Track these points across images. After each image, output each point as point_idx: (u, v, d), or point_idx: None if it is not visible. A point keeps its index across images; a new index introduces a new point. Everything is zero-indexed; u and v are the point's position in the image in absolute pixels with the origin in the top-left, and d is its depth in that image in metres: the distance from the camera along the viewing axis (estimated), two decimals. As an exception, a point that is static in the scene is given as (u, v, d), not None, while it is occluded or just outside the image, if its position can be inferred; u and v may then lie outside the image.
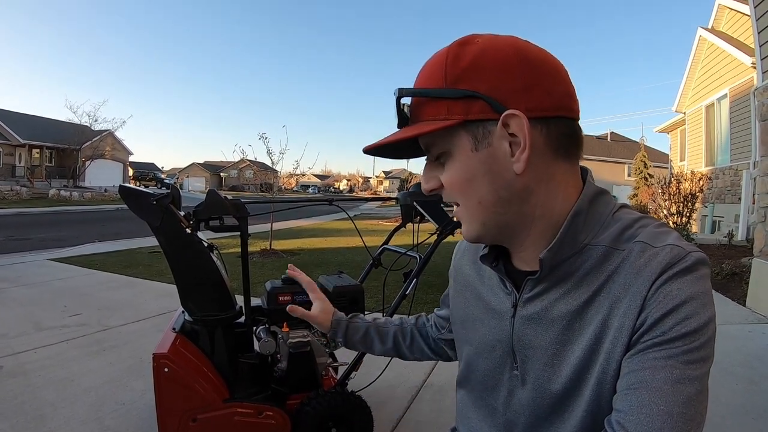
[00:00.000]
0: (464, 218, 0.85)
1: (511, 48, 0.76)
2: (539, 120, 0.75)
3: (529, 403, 0.87)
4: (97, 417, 2.73)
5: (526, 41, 0.79)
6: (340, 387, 2.32)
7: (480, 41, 0.77)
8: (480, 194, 0.80)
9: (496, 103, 0.74)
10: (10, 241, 10.80)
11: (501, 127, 0.75)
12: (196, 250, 2.21)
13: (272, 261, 8.39)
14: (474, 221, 0.83)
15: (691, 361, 0.68)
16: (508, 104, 0.74)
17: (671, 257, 0.72)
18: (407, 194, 2.62)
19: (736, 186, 10.98)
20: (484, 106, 0.75)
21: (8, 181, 31.95)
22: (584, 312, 0.78)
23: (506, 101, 0.74)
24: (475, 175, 0.79)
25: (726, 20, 13.04)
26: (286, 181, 16.44)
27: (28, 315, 4.79)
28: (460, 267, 1.08)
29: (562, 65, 0.80)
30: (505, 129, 0.75)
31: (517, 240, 0.84)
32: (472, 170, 0.79)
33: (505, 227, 0.82)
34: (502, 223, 0.81)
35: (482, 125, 0.76)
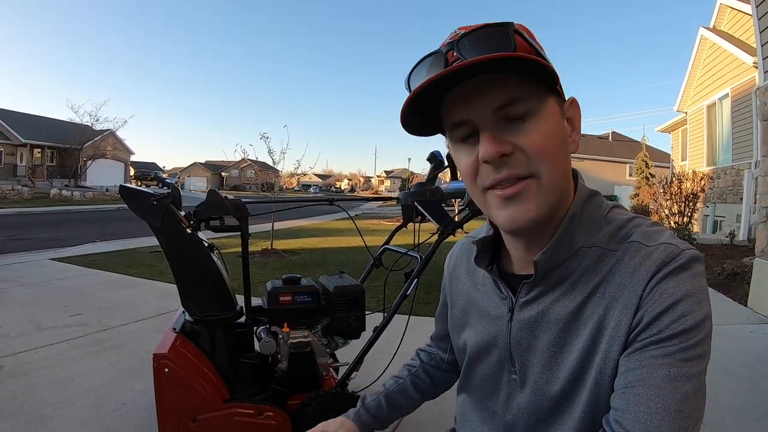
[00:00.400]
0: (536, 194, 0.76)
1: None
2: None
3: (528, 405, 0.87)
4: (97, 417, 2.73)
5: None
6: (340, 387, 2.31)
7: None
8: (566, 163, 0.79)
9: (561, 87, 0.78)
10: (11, 241, 10.80)
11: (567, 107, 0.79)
12: (196, 250, 2.21)
13: (273, 261, 8.39)
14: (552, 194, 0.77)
15: (688, 359, 0.69)
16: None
17: (665, 255, 0.72)
18: (408, 194, 2.61)
19: (738, 186, 10.96)
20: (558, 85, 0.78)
21: (9, 180, 32.00)
22: (580, 313, 0.79)
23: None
24: (563, 142, 0.78)
25: (727, 19, 13.03)
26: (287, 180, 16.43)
27: (28, 315, 4.79)
28: (456, 276, 1.08)
29: None
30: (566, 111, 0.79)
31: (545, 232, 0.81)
32: (561, 137, 0.78)
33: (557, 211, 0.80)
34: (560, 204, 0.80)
35: (561, 99, 0.79)
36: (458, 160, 0.81)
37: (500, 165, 0.75)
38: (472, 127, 0.76)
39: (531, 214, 0.76)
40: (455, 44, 0.72)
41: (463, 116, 0.76)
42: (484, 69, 0.69)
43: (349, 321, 2.43)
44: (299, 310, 2.38)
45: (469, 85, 0.73)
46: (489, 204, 0.79)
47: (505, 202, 0.77)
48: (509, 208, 0.77)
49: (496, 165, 0.75)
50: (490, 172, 0.76)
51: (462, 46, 0.72)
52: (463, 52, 0.71)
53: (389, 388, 1.24)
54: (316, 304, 2.43)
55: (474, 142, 0.77)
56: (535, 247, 0.83)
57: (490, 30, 0.71)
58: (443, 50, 0.74)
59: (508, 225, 0.79)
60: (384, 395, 1.22)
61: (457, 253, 1.11)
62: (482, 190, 0.79)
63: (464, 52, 0.71)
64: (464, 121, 0.76)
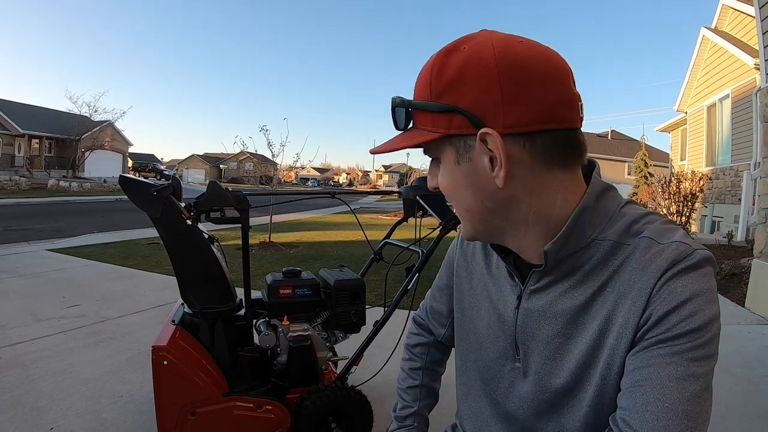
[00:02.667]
0: (462, 217, 0.86)
1: (494, 58, 0.71)
2: (521, 135, 0.72)
3: (529, 396, 0.87)
4: (94, 409, 2.72)
5: (521, 42, 0.74)
6: (340, 381, 2.31)
7: (466, 49, 0.73)
8: (466, 203, 0.81)
9: (475, 119, 0.72)
10: (9, 232, 10.79)
11: (480, 143, 0.73)
12: (196, 241, 2.20)
13: (271, 254, 8.39)
14: (466, 223, 0.85)
15: (695, 359, 0.68)
16: (486, 120, 0.72)
17: (677, 254, 0.72)
18: (410, 188, 2.61)
19: (737, 187, 10.98)
20: (464, 121, 0.73)
21: (7, 171, 31.91)
22: (589, 307, 0.78)
23: (484, 117, 0.72)
24: (460, 185, 0.80)
25: (729, 20, 13.02)
26: (285, 174, 16.44)
27: (26, 306, 4.78)
28: (471, 253, 1.06)
29: (559, 70, 0.74)
30: (484, 145, 0.73)
31: (513, 241, 0.84)
32: (456, 181, 0.80)
33: (497, 231, 0.83)
34: (493, 228, 0.82)
35: (463, 139, 0.75)
36: None
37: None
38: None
39: (467, 233, 0.87)
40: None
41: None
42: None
43: (349, 315, 2.43)
44: (299, 304, 2.38)
45: None
46: None
47: None
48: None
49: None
50: None
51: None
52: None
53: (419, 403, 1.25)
54: (316, 297, 2.42)
55: None
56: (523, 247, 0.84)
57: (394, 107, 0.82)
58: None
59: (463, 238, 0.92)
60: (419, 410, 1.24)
61: None
62: None
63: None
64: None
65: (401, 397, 1.26)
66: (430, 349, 1.28)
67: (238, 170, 73.82)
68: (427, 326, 1.29)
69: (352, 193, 7.54)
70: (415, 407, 1.22)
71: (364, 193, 5.81)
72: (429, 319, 1.28)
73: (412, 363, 1.29)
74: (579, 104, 0.76)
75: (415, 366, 1.28)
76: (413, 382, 1.26)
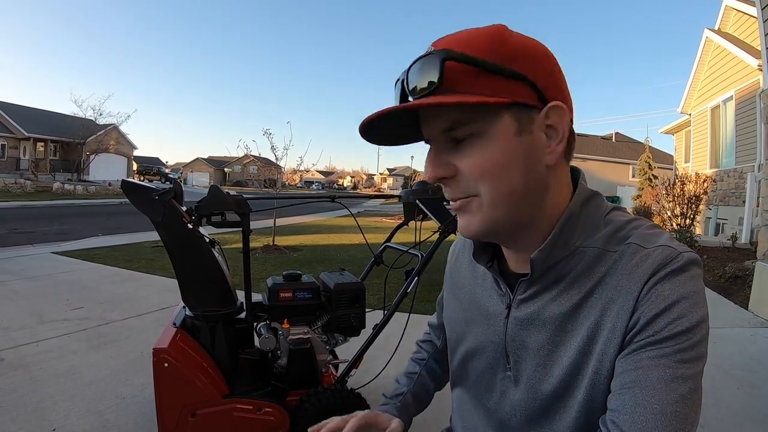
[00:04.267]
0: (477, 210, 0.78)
1: (542, 45, 0.77)
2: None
3: (522, 403, 0.87)
4: (97, 410, 2.74)
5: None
6: (340, 384, 2.32)
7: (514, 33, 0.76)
8: (513, 182, 0.75)
9: (541, 93, 0.74)
10: (14, 234, 10.83)
11: (544, 116, 0.74)
12: (197, 245, 2.21)
13: (275, 257, 8.40)
14: (497, 210, 0.77)
15: (684, 360, 0.69)
16: (548, 95, 0.74)
17: (663, 258, 0.72)
18: (410, 192, 2.62)
19: (741, 189, 10.94)
20: (531, 93, 0.73)
21: (12, 174, 32.05)
22: (577, 313, 0.79)
23: (546, 92, 0.74)
24: (514, 160, 0.75)
25: (732, 22, 13.00)
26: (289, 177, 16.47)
27: (30, 308, 4.81)
28: (457, 268, 1.08)
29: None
30: (545, 119, 0.75)
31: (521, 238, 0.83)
32: (512, 155, 0.74)
33: (517, 224, 0.80)
34: (518, 218, 0.79)
35: (527, 111, 0.74)
36: None
37: (445, 184, 0.81)
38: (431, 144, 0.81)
39: (472, 227, 0.80)
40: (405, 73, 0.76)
41: (424, 134, 0.81)
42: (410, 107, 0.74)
43: (350, 318, 2.44)
44: (299, 307, 2.39)
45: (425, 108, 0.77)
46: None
47: (457, 213, 0.83)
48: (460, 219, 0.82)
49: (443, 183, 0.81)
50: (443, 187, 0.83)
51: (409, 77, 0.75)
52: (409, 82, 0.75)
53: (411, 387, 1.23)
54: (316, 300, 2.43)
55: None
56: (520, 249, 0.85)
57: (422, 61, 0.73)
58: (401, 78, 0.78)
59: (461, 233, 0.84)
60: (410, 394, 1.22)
61: (461, 245, 1.11)
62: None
63: (410, 83, 0.75)
64: (427, 140, 0.81)
65: (396, 381, 1.27)
66: (435, 347, 1.30)
67: (242, 173, 73.88)
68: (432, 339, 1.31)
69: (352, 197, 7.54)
70: (405, 390, 1.22)
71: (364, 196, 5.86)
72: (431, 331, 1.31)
73: (417, 354, 1.31)
74: None
75: (419, 357, 1.30)
76: (412, 369, 1.28)
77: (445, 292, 1.13)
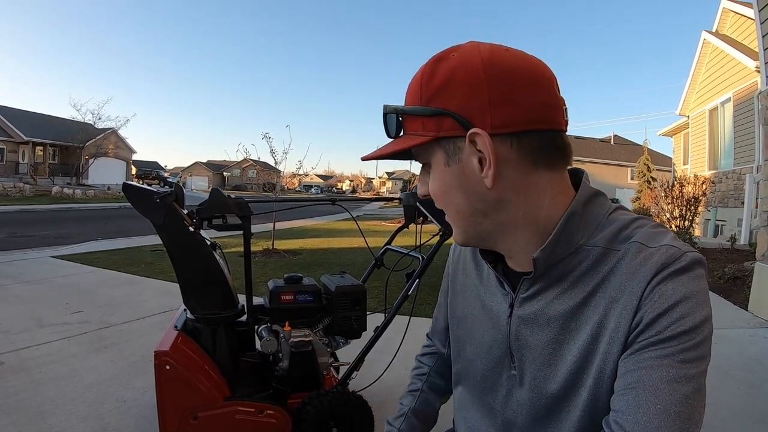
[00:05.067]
0: (451, 224, 0.88)
1: (481, 63, 0.75)
2: (509, 135, 0.75)
3: (527, 402, 0.87)
4: (97, 414, 2.74)
5: (507, 50, 0.78)
6: (341, 386, 2.32)
7: (455, 56, 0.77)
8: (457, 205, 0.83)
9: (464, 121, 0.75)
10: (13, 238, 10.82)
11: (469, 144, 0.76)
12: (198, 248, 2.21)
13: (275, 261, 8.40)
14: (457, 228, 0.87)
15: (687, 360, 0.69)
16: (474, 121, 0.75)
17: (667, 257, 0.72)
18: (410, 195, 2.62)
19: (740, 190, 10.96)
20: (453, 124, 0.76)
21: (11, 178, 32.06)
22: (580, 312, 0.79)
23: (473, 118, 0.75)
24: (450, 187, 0.82)
25: (730, 24, 13.03)
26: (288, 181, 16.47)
27: (30, 312, 4.80)
28: (462, 264, 1.08)
29: (544, 75, 0.78)
30: (473, 146, 0.76)
31: (503, 245, 0.85)
32: (446, 183, 0.82)
33: (487, 234, 0.84)
34: (483, 231, 0.84)
35: (453, 141, 0.78)
36: None
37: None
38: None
39: (459, 237, 0.89)
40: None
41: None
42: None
43: (351, 321, 2.44)
44: (301, 310, 2.39)
45: None
46: None
47: None
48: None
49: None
50: None
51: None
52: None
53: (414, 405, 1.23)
54: (317, 303, 2.44)
55: None
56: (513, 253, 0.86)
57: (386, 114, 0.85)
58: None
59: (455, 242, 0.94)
60: (412, 413, 1.21)
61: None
62: None
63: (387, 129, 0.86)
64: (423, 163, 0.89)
65: (400, 402, 1.26)
66: (438, 359, 1.29)
67: (241, 177, 73.88)
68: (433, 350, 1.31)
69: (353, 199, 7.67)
70: (406, 410, 1.22)
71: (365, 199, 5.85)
72: (433, 338, 1.29)
73: (418, 370, 1.30)
74: (563, 108, 0.79)
75: (420, 372, 1.29)
76: (413, 386, 1.27)
77: (449, 292, 1.12)
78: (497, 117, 0.74)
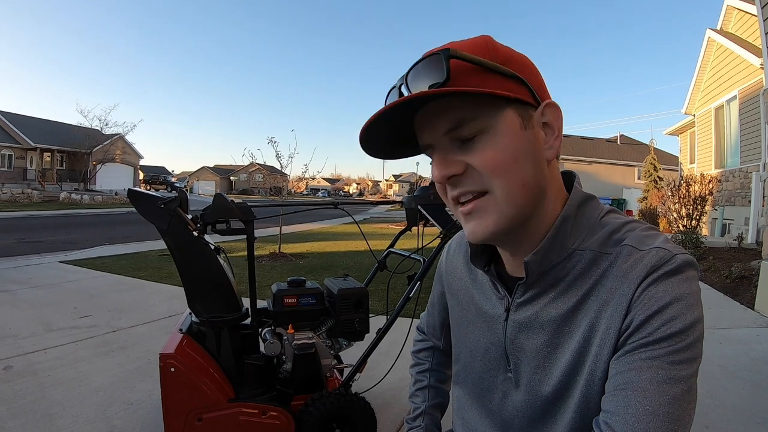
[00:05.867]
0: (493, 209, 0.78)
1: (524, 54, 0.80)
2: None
3: (523, 404, 0.88)
4: (105, 416, 2.77)
5: None
6: (344, 388, 2.34)
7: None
8: (525, 175, 0.76)
9: (534, 93, 0.78)
10: (22, 244, 10.89)
11: (540, 114, 0.78)
12: (203, 252, 2.24)
13: (281, 264, 8.41)
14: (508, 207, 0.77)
15: (677, 362, 0.69)
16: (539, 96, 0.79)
17: (657, 260, 0.73)
18: (412, 198, 2.64)
19: (746, 188, 10.89)
20: (527, 92, 0.77)
21: (19, 184, 32.30)
22: (574, 316, 0.80)
23: (537, 93, 0.78)
24: (523, 154, 0.76)
25: (734, 21, 12.95)
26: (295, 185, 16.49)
27: (38, 316, 4.85)
28: (453, 268, 1.09)
29: None
30: (541, 116, 0.78)
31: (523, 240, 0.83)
32: (520, 149, 0.76)
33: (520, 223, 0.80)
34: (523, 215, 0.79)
35: (526, 108, 0.77)
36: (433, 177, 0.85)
37: (455, 183, 0.79)
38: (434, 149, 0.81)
39: (488, 228, 0.78)
40: (404, 78, 0.77)
41: (424, 141, 0.81)
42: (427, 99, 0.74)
43: (353, 323, 2.45)
44: (304, 312, 2.41)
45: (424, 113, 0.78)
46: (458, 218, 0.84)
47: (466, 218, 0.81)
48: (470, 223, 0.81)
49: (452, 183, 0.79)
50: (449, 189, 0.81)
51: (409, 80, 0.76)
52: (410, 85, 0.76)
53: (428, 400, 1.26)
54: (320, 306, 2.45)
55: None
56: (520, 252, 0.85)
57: (426, 61, 0.75)
58: (398, 84, 0.79)
59: (470, 238, 0.82)
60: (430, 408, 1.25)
61: (455, 246, 1.12)
62: (452, 205, 0.84)
63: (411, 86, 0.76)
64: (427, 146, 0.81)
65: (412, 401, 1.28)
66: (434, 352, 1.31)
67: (248, 182, 73.99)
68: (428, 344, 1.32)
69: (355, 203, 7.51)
70: (423, 407, 1.24)
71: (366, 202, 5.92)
72: (426, 332, 1.32)
73: (419, 367, 1.32)
74: None
75: (422, 369, 1.31)
76: (421, 383, 1.28)
77: (446, 294, 1.13)
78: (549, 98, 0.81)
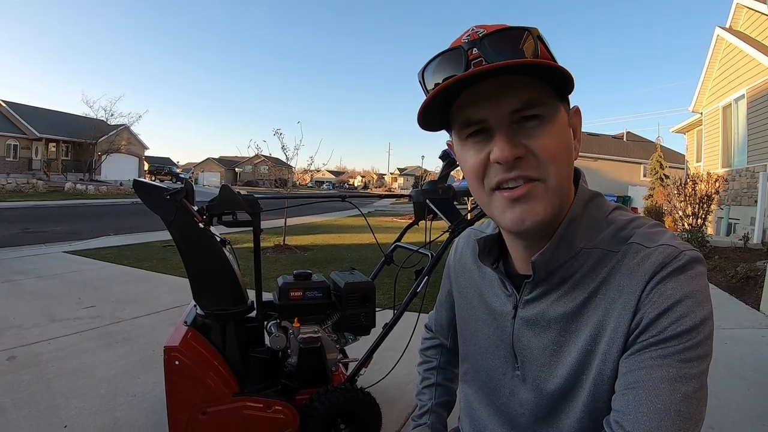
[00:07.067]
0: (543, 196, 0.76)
1: None
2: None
3: (530, 402, 0.88)
4: (108, 408, 2.76)
5: None
6: (349, 383, 2.33)
7: None
8: (569, 169, 0.80)
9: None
10: (26, 234, 10.92)
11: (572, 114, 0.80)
12: (208, 244, 2.22)
13: (286, 256, 8.43)
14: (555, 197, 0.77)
15: (687, 360, 0.68)
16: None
17: (664, 257, 0.72)
18: (420, 192, 2.62)
19: (753, 188, 10.83)
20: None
21: (25, 174, 32.36)
22: (581, 314, 0.79)
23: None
24: (569, 148, 0.78)
25: (744, 20, 12.86)
26: (300, 177, 16.52)
27: (42, 307, 4.85)
28: (462, 265, 1.09)
29: None
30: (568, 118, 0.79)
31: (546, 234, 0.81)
32: (569, 143, 0.79)
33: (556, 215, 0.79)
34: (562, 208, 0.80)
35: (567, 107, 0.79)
36: (464, 158, 0.80)
37: (511, 167, 0.74)
38: (484, 126, 0.75)
39: (539, 216, 0.76)
40: (477, 43, 0.73)
41: (479, 115, 0.75)
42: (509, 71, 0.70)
43: (360, 317, 2.44)
44: (310, 306, 2.40)
45: (488, 85, 0.72)
46: (494, 205, 0.79)
47: (512, 204, 0.76)
48: (516, 209, 0.76)
49: (510, 166, 0.74)
50: (498, 172, 0.75)
51: (484, 46, 0.72)
52: (486, 51, 0.72)
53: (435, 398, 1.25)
54: (326, 299, 2.44)
55: (483, 140, 0.76)
56: (535, 248, 0.82)
57: (514, 33, 0.72)
58: (464, 47, 0.73)
59: (515, 226, 0.77)
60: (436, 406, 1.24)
61: (464, 243, 1.12)
62: (489, 190, 0.78)
63: (487, 52, 0.72)
64: (479, 120, 0.75)
65: (419, 399, 1.28)
66: (442, 350, 1.31)
67: (253, 173, 74.09)
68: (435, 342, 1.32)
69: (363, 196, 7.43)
70: (429, 405, 1.23)
71: (374, 196, 5.89)
72: (436, 333, 1.31)
73: (427, 364, 1.32)
74: None
75: (430, 366, 1.31)
76: (428, 381, 1.28)
77: (454, 291, 1.13)
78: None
